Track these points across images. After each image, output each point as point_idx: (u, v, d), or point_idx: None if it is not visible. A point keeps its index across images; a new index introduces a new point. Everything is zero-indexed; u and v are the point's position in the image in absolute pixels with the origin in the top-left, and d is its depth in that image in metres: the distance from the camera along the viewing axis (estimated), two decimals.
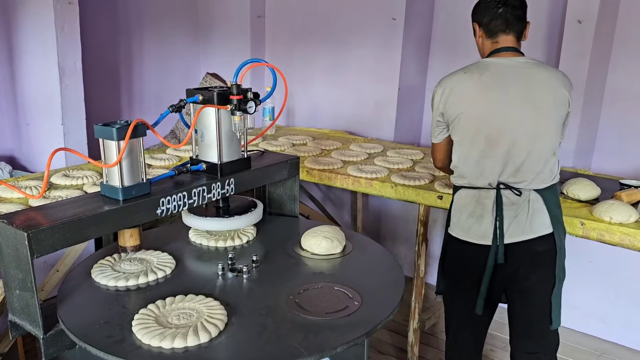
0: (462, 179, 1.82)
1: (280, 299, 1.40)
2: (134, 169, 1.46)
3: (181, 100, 1.62)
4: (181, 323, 1.26)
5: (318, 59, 3.67)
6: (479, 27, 1.82)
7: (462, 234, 1.83)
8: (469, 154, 1.78)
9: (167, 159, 2.60)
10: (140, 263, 1.55)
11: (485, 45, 1.82)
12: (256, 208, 1.83)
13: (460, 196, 1.84)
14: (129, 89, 3.61)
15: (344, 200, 3.72)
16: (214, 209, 1.82)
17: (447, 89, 1.77)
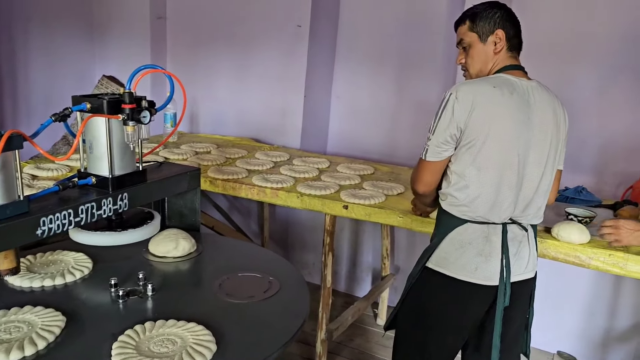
0: (470, 211, 1.58)
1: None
2: (9, 186, 1.30)
3: (66, 109, 1.47)
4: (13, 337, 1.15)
5: (223, 63, 3.57)
6: (505, 36, 1.62)
7: (466, 274, 1.59)
8: (490, 185, 1.56)
9: (56, 169, 2.40)
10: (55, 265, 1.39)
11: (499, 56, 1.62)
12: (153, 220, 1.71)
13: (465, 231, 1.60)
14: (13, 94, 3.29)
15: (251, 209, 3.65)
16: (105, 221, 1.67)
17: (473, 102, 1.51)
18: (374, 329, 3.16)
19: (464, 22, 1.67)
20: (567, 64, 2.75)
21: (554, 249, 1.89)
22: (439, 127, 1.55)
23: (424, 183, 1.64)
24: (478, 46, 1.64)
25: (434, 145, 1.57)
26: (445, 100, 1.55)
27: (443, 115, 1.54)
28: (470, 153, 1.55)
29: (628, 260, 1.79)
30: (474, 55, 1.65)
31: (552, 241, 1.89)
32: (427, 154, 1.60)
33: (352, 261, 3.52)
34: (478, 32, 1.64)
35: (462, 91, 1.53)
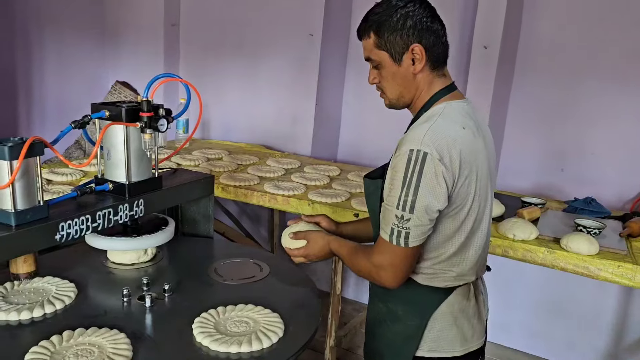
0: (457, 280, 1.33)
1: (190, 330, 1.32)
2: (29, 191, 1.33)
3: (85, 116, 1.50)
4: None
5: (234, 70, 3.61)
6: (425, 52, 1.27)
7: (467, 345, 1.36)
8: (478, 246, 1.33)
9: (71, 174, 2.43)
10: (36, 294, 1.41)
11: (425, 78, 1.29)
12: (167, 226, 1.74)
13: (455, 300, 1.33)
14: (28, 98, 3.35)
15: (261, 215, 3.67)
16: (120, 226, 1.70)
17: (458, 155, 1.20)
18: None
19: (367, 34, 1.31)
20: (575, 75, 2.77)
21: (563, 260, 1.90)
22: (421, 202, 1.18)
23: (404, 274, 1.27)
24: (392, 68, 1.29)
25: (419, 226, 1.21)
26: (417, 162, 1.17)
27: (423, 185, 1.18)
28: (457, 220, 1.26)
29: (637, 272, 1.80)
30: (389, 77, 1.31)
31: (561, 252, 1.90)
32: (409, 239, 1.21)
33: None
34: (388, 50, 1.28)
35: (442, 147, 1.18)
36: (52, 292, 1.44)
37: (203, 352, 1.24)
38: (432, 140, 1.18)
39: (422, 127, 1.22)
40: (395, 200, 1.20)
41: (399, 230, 1.21)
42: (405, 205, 1.19)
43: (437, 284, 1.32)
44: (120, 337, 1.24)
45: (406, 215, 1.19)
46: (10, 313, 1.32)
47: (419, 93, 1.32)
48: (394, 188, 1.21)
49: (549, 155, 2.92)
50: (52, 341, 1.21)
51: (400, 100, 1.33)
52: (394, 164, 1.22)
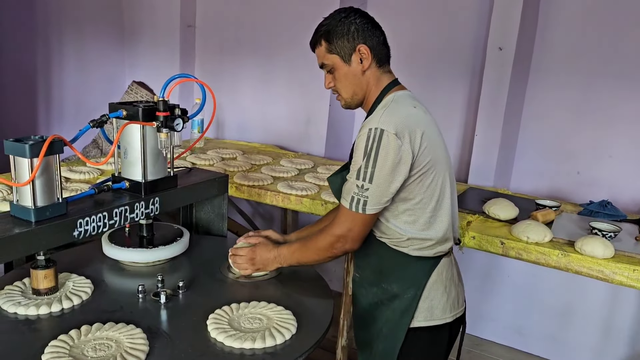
0: (442, 246, 1.48)
1: (205, 326, 1.34)
2: (49, 188, 1.36)
3: (103, 115, 1.53)
4: (98, 356, 1.18)
5: (249, 71, 3.63)
6: (370, 51, 1.44)
7: (458, 309, 1.53)
8: (445, 204, 1.46)
9: (88, 172, 2.47)
10: (53, 289, 1.44)
11: (373, 74, 1.46)
12: (182, 237, 1.76)
13: (444, 268, 1.50)
14: (47, 97, 3.41)
15: (274, 215, 3.69)
16: (137, 238, 1.74)
17: (418, 135, 1.36)
18: None
19: (319, 42, 1.49)
20: (592, 77, 2.75)
21: (577, 263, 1.88)
22: (380, 174, 1.33)
23: (360, 237, 1.43)
24: (343, 68, 1.46)
25: (377, 195, 1.35)
26: (375, 138, 1.32)
27: (381, 158, 1.32)
28: (423, 184, 1.40)
29: None
30: (342, 78, 1.47)
31: (575, 255, 1.89)
32: (367, 206, 1.36)
33: None
34: (339, 53, 1.45)
35: (398, 124, 1.33)
36: (69, 287, 1.46)
37: (217, 347, 1.26)
38: (388, 119, 1.34)
39: (378, 112, 1.38)
40: (355, 172, 1.36)
41: (358, 199, 1.36)
42: (365, 176, 1.34)
43: (425, 253, 1.46)
44: (136, 332, 1.26)
45: (365, 185, 1.35)
46: (30, 308, 1.35)
47: (370, 89, 1.48)
48: (356, 163, 1.36)
49: (564, 158, 2.90)
50: (70, 335, 1.23)
51: (354, 98, 1.49)
52: (356, 144, 1.38)
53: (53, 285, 1.43)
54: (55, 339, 1.21)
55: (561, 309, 2.97)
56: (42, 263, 1.41)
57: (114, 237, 1.71)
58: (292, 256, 1.54)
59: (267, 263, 1.58)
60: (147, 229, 1.73)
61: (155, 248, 1.67)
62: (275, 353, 1.26)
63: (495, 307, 3.05)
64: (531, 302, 3.03)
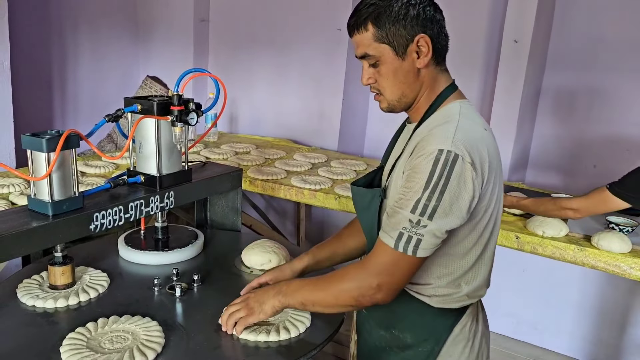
0: (470, 298, 1.22)
1: (219, 318, 1.35)
2: (65, 183, 1.37)
3: (118, 110, 1.54)
4: (115, 348, 1.19)
5: (262, 65, 3.64)
6: (431, 43, 1.14)
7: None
8: (488, 254, 1.21)
9: (103, 167, 2.49)
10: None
11: (429, 74, 1.17)
12: (197, 240, 1.77)
13: (467, 320, 1.23)
14: (62, 92, 3.43)
15: (287, 209, 3.70)
16: (152, 241, 1.75)
17: (489, 163, 1.09)
18: None
19: (364, 26, 1.15)
20: (609, 70, 2.71)
21: (594, 258, 1.86)
22: (444, 209, 1.04)
23: (399, 289, 1.13)
24: (394, 63, 1.14)
25: (433, 235, 1.06)
26: (448, 163, 1.03)
27: (450, 190, 1.04)
28: (476, 231, 1.14)
29: None
30: (389, 74, 1.16)
31: (591, 249, 1.87)
32: (419, 247, 1.06)
33: None
34: (391, 43, 1.13)
35: (473, 150, 1.06)
36: (86, 281, 1.48)
37: (233, 340, 1.27)
38: (463, 141, 1.05)
39: (447, 127, 1.09)
40: (411, 203, 1.05)
41: (409, 236, 1.06)
42: (425, 210, 1.04)
43: (450, 305, 1.19)
44: (152, 324, 1.27)
45: (423, 220, 1.05)
46: (48, 301, 1.37)
47: (424, 91, 1.18)
48: (412, 190, 1.06)
49: (580, 151, 2.86)
50: (88, 328, 1.25)
51: (402, 100, 1.18)
52: (415, 164, 1.07)
53: (70, 281, 1.45)
54: (72, 332, 1.23)
55: (577, 304, 2.94)
56: (59, 259, 1.43)
57: (130, 240, 1.73)
58: (298, 292, 1.20)
59: (263, 300, 1.24)
60: (162, 231, 1.75)
61: (170, 251, 1.68)
62: (290, 346, 1.26)
63: (511, 302, 3.03)
64: (547, 297, 3.00)
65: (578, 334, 2.97)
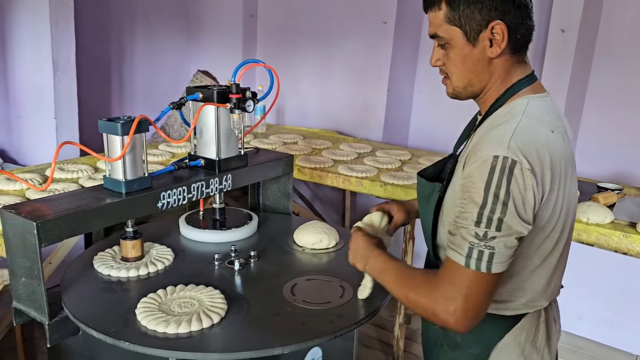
0: (527, 307, 1.15)
1: (277, 289, 1.46)
2: (136, 164, 1.51)
3: (182, 98, 1.67)
4: (183, 311, 1.31)
5: (308, 59, 3.73)
6: (507, 32, 1.05)
7: None
8: (551, 264, 1.13)
9: (160, 155, 2.65)
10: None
11: (503, 64, 1.09)
12: (251, 220, 1.88)
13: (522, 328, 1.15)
14: (120, 85, 3.63)
15: (332, 199, 3.79)
16: (210, 221, 1.87)
17: (550, 168, 1.01)
18: None
19: (437, 5, 1.09)
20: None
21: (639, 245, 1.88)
22: (510, 218, 0.97)
23: (481, 314, 1.02)
24: (464, 49, 1.08)
25: (505, 246, 0.98)
26: (505, 171, 0.96)
27: (512, 199, 0.96)
28: (537, 240, 1.07)
29: None
30: (457, 60, 1.10)
31: (637, 236, 1.88)
32: (493, 262, 0.98)
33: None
34: (462, 27, 1.06)
35: (532, 155, 0.98)
36: (153, 255, 1.61)
37: (290, 308, 1.37)
38: (520, 146, 0.97)
39: (504, 128, 1.01)
40: (474, 216, 0.98)
41: (480, 250, 0.98)
42: (491, 221, 0.97)
43: (503, 312, 1.13)
44: (215, 293, 1.39)
45: (491, 232, 0.97)
46: (121, 271, 1.51)
47: (494, 82, 1.10)
48: (472, 202, 0.99)
49: (628, 142, 2.84)
50: (158, 294, 1.37)
51: (468, 89, 1.12)
52: (470, 172, 1.00)
53: (140, 254, 1.59)
54: (145, 297, 1.36)
55: (620, 294, 2.92)
56: (130, 234, 1.57)
57: (190, 220, 1.86)
58: (379, 275, 1.21)
59: (355, 254, 1.29)
60: (219, 212, 1.87)
61: (227, 230, 1.80)
62: (341, 315, 1.35)
63: None
64: (589, 287, 2.99)
65: (621, 324, 2.95)
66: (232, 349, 1.23)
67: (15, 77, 2.92)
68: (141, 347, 1.20)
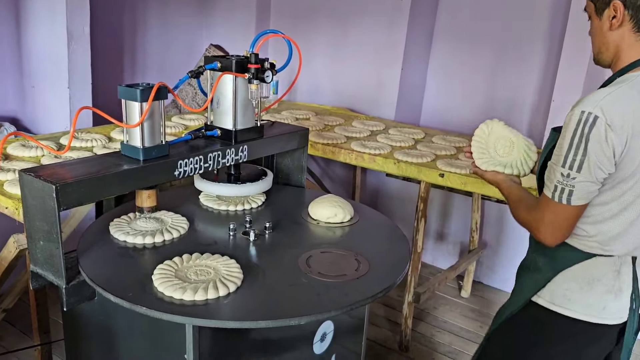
0: (601, 249, 1.31)
1: (292, 261, 1.47)
2: (155, 131, 1.50)
3: (200, 67, 1.66)
4: (199, 279, 1.31)
5: (321, 35, 3.70)
6: (625, 11, 1.22)
7: (593, 314, 1.33)
8: (631, 222, 1.27)
9: (174, 127, 2.64)
10: (156, 222, 1.60)
11: (625, 38, 1.25)
12: (266, 176, 1.88)
13: (593, 267, 1.32)
14: (133, 57, 3.61)
15: (342, 176, 3.79)
16: (225, 175, 1.86)
17: (632, 127, 1.17)
18: (457, 301, 3.22)
19: None
20: None
21: None
22: (589, 163, 1.18)
23: (564, 234, 1.29)
24: (594, 21, 1.30)
25: (584, 185, 1.21)
26: (587, 124, 1.17)
27: (592, 147, 1.17)
28: (617, 189, 1.24)
29: None
30: (592, 30, 1.32)
31: None
32: (572, 197, 1.22)
33: (440, 234, 3.58)
34: (595, 2, 1.28)
35: (614, 113, 1.16)
36: (168, 223, 1.62)
37: (305, 279, 1.38)
38: (607, 106, 1.16)
39: (603, 91, 1.20)
40: (561, 158, 1.21)
41: (562, 188, 1.22)
42: (573, 164, 1.19)
43: (578, 246, 1.31)
44: (231, 262, 1.39)
45: (572, 173, 1.20)
46: (137, 237, 1.51)
47: (619, 54, 1.27)
48: (562, 147, 1.21)
49: None
50: (174, 261, 1.38)
51: (599, 57, 1.32)
52: (566, 122, 1.22)
53: (155, 205, 1.60)
54: (161, 264, 1.36)
55: None
56: None
57: (205, 174, 1.85)
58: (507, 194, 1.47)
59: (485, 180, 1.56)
60: (234, 167, 1.87)
61: (242, 184, 1.79)
62: (358, 287, 1.36)
63: None
64: None
65: None
66: (248, 318, 1.23)
67: (29, 47, 2.90)
68: (158, 313, 1.20)
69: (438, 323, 2.99)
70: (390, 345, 2.75)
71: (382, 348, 2.73)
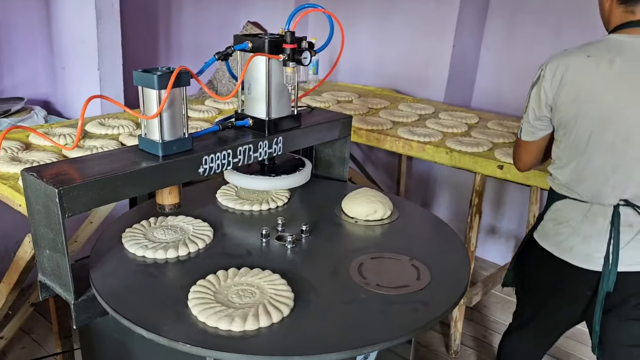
0: (569, 192, 1.49)
1: (343, 271, 1.26)
2: (176, 122, 1.31)
3: (228, 47, 1.44)
4: (244, 302, 1.11)
5: (364, 11, 3.42)
6: None
7: (559, 252, 1.52)
8: (585, 168, 1.44)
9: (206, 111, 2.46)
10: (175, 232, 1.41)
11: (613, 12, 1.43)
12: (304, 167, 1.67)
13: (563, 208, 1.52)
14: (167, 36, 3.44)
15: (386, 162, 3.55)
16: (257, 165, 1.66)
17: (561, 78, 1.40)
18: (509, 298, 2.97)
19: None
20: None
21: None
22: (530, 105, 1.50)
23: (523, 162, 1.64)
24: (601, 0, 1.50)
25: (527, 124, 1.53)
26: (536, 75, 1.47)
27: (533, 93, 1.48)
28: (563, 134, 1.46)
29: None
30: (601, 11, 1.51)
31: None
32: (521, 133, 1.57)
33: (492, 225, 3.31)
34: None
35: (551, 65, 1.43)
36: (189, 231, 1.42)
37: (361, 294, 1.18)
38: (553, 61, 1.43)
39: (567, 50, 1.44)
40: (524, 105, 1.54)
41: (520, 126, 1.58)
42: (525, 108, 1.53)
43: (555, 188, 1.54)
44: (275, 277, 1.19)
45: (524, 115, 1.54)
46: (158, 251, 1.30)
47: (607, 23, 1.47)
48: None
49: None
50: (209, 281, 1.17)
51: (603, 23, 1.50)
52: None
53: (177, 201, 1.39)
54: (195, 285, 1.16)
55: None
56: None
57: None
58: None
59: None
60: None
61: (278, 176, 1.59)
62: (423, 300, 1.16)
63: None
64: None
65: None
66: (314, 350, 1.02)
67: (59, 26, 2.77)
68: (206, 351, 0.99)
69: (489, 324, 2.75)
70: (437, 349, 2.54)
71: (429, 351, 2.52)
